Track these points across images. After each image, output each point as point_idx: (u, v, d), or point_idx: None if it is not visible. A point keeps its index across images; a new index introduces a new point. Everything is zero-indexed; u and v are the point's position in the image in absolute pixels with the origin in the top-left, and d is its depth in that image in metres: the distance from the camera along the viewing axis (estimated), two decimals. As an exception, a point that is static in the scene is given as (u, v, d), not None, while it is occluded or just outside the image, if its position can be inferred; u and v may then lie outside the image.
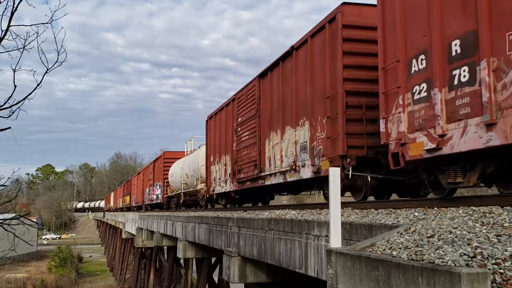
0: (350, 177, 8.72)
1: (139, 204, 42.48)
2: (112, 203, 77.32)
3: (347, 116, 8.95)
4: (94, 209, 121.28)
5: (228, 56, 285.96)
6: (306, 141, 10.26)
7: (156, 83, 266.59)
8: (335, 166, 7.63)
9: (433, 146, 6.18)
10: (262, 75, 13.26)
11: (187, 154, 26.42)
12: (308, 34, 10.39)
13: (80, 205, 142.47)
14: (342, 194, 10.83)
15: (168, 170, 28.71)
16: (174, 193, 27.03)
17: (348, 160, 8.74)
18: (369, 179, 9.18)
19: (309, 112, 10.22)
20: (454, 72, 5.95)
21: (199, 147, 24.19)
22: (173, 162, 28.53)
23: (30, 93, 7.72)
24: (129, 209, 52.85)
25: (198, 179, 21.13)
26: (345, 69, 9.06)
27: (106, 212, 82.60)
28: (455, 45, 5.95)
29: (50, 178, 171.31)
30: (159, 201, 31.70)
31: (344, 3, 9.17)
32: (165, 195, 29.49)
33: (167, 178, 28.59)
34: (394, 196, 10.30)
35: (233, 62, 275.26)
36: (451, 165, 6.28)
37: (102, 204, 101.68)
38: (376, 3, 7.76)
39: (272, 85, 12.55)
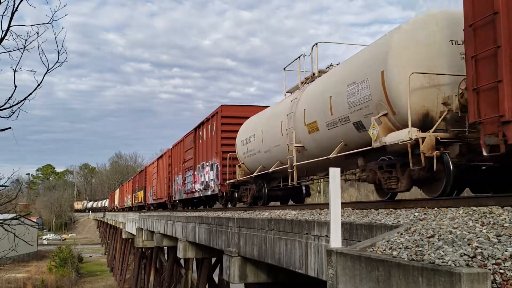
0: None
1: (162, 200, 29.70)
2: (117, 202, 67.66)
3: None
4: (102, 209, 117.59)
5: (229, 56, 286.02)
6: None
7: (157, 83, 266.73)
8: None
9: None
10: None
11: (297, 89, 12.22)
12: None
13: (89, 204, 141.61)
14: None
15: (234, 138, 16.29)
16: (256, 173, 14.08)
17: None
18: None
19: None
20: None
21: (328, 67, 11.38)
22: (241, 123, 16.07)
23: (30, 93, 7.73)
24: (142, 208, 42.10)
25: (379, 119, 7.87)
26: None
27: (106, 212, 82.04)
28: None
29: (50, 178, 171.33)
30: (210, 193, 18.40)
31: None
32: (227, 182, 16.53)
33: (232, 151, 16.42)
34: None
35: (234, 62, 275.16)
36: None
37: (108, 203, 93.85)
38: None
39: None
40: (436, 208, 5.91)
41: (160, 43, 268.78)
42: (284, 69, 13.17)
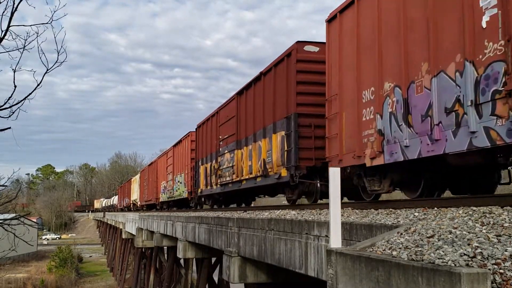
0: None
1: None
2: (136, 196, 44.92)
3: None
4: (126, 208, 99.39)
5: (230, 56, 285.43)
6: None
7: (158, 84, 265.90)
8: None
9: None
10: None
11: None
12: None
13: (104, 202, 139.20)
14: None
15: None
16: None
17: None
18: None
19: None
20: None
21: None
22: None
23: (30, 93, 7.74)
24: (248, 198, 17.76)
25: None
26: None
27: (106, 212, 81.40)
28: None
29: (50, 178, 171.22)
30: None
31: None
32: None
33: None
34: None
35: (235, 63, 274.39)
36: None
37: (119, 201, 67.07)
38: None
39: None
40: (436, 208, 5.90)
41: (162, 43, 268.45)
42: None
